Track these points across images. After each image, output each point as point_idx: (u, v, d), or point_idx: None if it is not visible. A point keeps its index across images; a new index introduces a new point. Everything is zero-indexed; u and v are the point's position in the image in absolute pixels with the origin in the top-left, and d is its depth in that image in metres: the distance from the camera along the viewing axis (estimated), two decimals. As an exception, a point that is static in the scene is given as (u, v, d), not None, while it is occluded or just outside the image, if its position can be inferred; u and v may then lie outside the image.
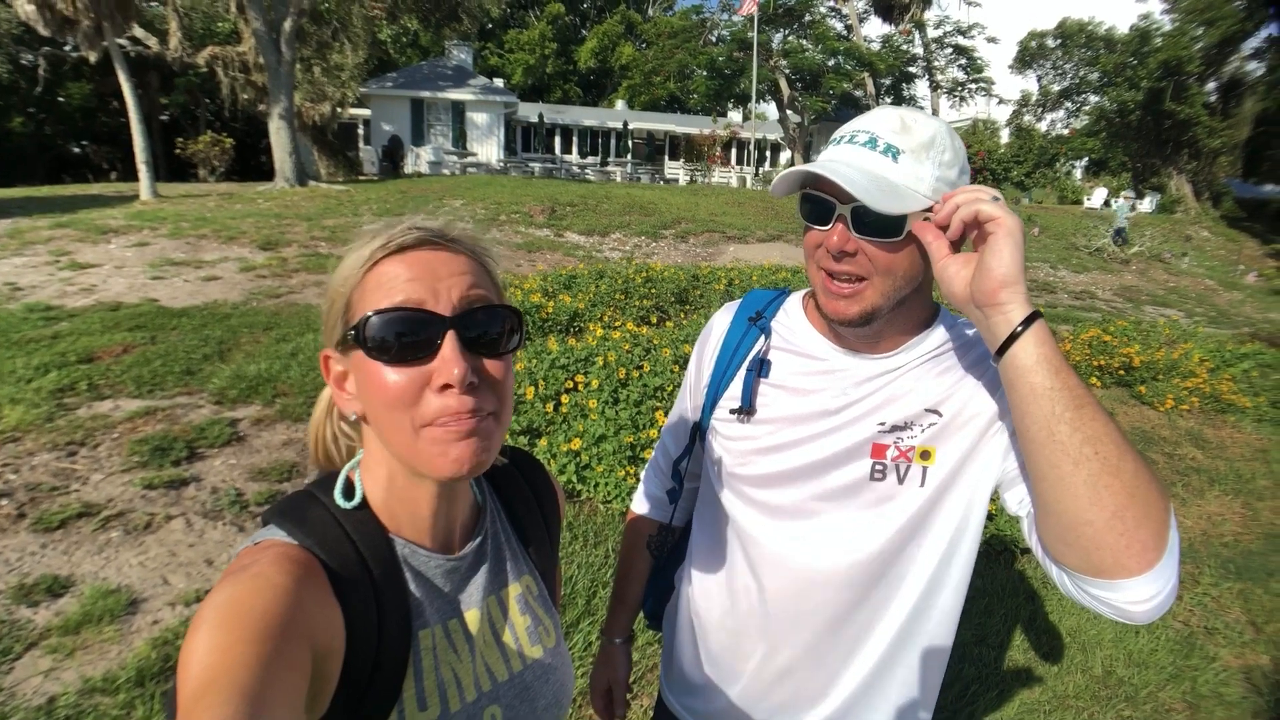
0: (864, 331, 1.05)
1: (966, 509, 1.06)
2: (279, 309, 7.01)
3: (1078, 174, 38.97)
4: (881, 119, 1.01)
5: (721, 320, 1.27)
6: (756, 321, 1.20)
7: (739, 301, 1.27)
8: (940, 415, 1.05)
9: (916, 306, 1.08)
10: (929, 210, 0.96)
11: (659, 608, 1.43)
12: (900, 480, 1.06)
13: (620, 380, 4.42)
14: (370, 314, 0.71)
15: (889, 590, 1.09)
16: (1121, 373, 6.30)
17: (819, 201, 1.00)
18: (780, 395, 1.14)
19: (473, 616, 0.85)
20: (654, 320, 6.68)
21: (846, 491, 1.08)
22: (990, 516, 3.88)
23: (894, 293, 1.01)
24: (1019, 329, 0.86)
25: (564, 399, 4.30)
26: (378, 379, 0.71)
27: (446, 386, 0.70)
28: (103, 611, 2.82)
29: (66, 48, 21.60)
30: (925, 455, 1.05)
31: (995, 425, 1.03)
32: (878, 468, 1.06)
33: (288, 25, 15.67)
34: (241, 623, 0.59)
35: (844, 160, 0.99)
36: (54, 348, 5.33)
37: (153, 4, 20.73)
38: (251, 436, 4.33)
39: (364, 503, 0.79)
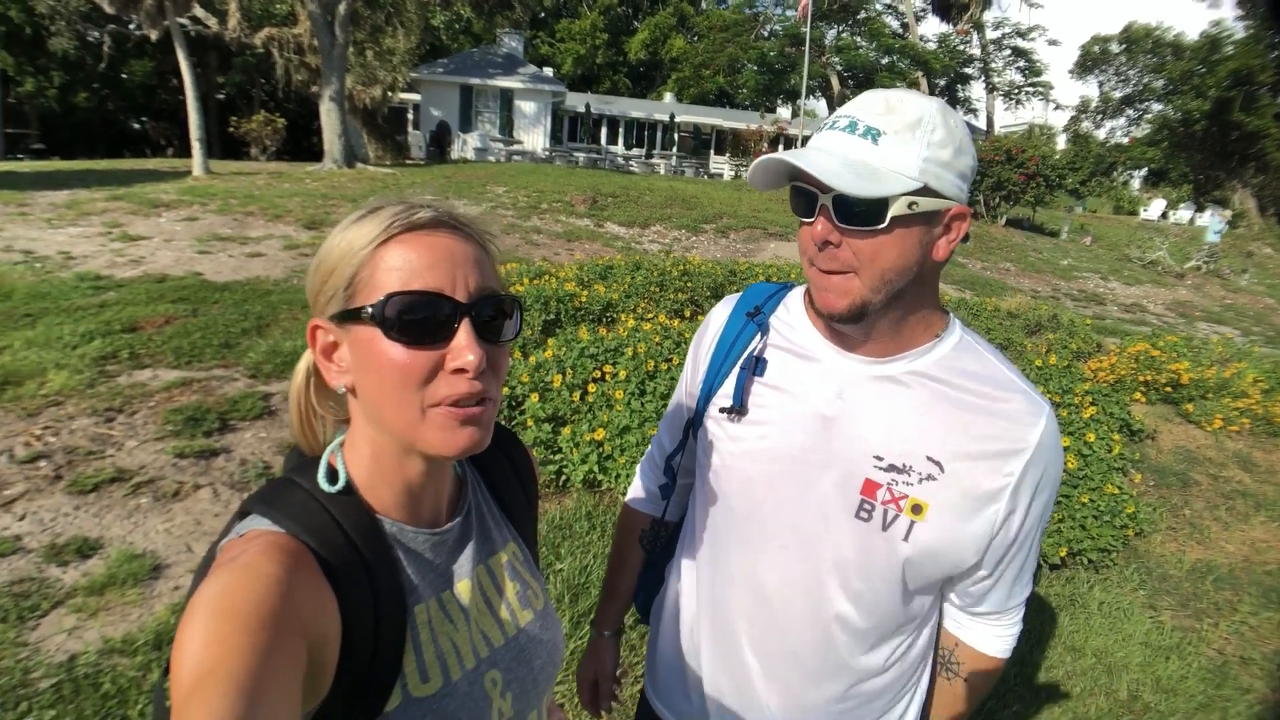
0: (860, 328, 1.00)
1: (941, 570, 1.05)
2: (319, 287, 7.11)
3: (1136, 184, 37.87)
4: (867, 103, 0.96)
5: (720, 314, 1.23)
6: (755, 317, 1.16)
7: (739, 295, 1.23)
8: (941, 469, 0.99)
9: (919, 305, 1.01)
10: (919, 194, 0.91)
11: (650, 601, 1.41)
12: (885, 528, 1.01)
13: (649, 372, 4.39)
14: (392, 295, 0.71)
15: (864, 620, 1.07)
16: (1169, 389, 6.09)
17: (803, 193, 0.96)
18: (774, 396, 1.10)
19: (464, 586, 0.86)
20: (688, 314, 6.63)
21: (828, 523, 1.04)
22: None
23: (884, 285, 0.95)
24: None
25: (591, 388, 4.29)
26: (388, 358, 0.72)
27: (460, 370, 0.72)
28: (127, 575, 2.88)
29: (130, 26, 22.19)
30: (917, 510, 1.00)
31: (990, 505, 0.99)
32: (865, 506, 1.02)
33: (342, 8, 15.90)
34: (234, 614, 0.59)
35: (820, 147, 0.94)
36: (100, 316, 5.48)
37: (214, -15, 21.17)
38: (282, 411, 4.39)
39: (348, 485, 0.79)
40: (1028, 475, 0.99)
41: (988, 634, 1.14)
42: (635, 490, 1.41)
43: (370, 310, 0.72)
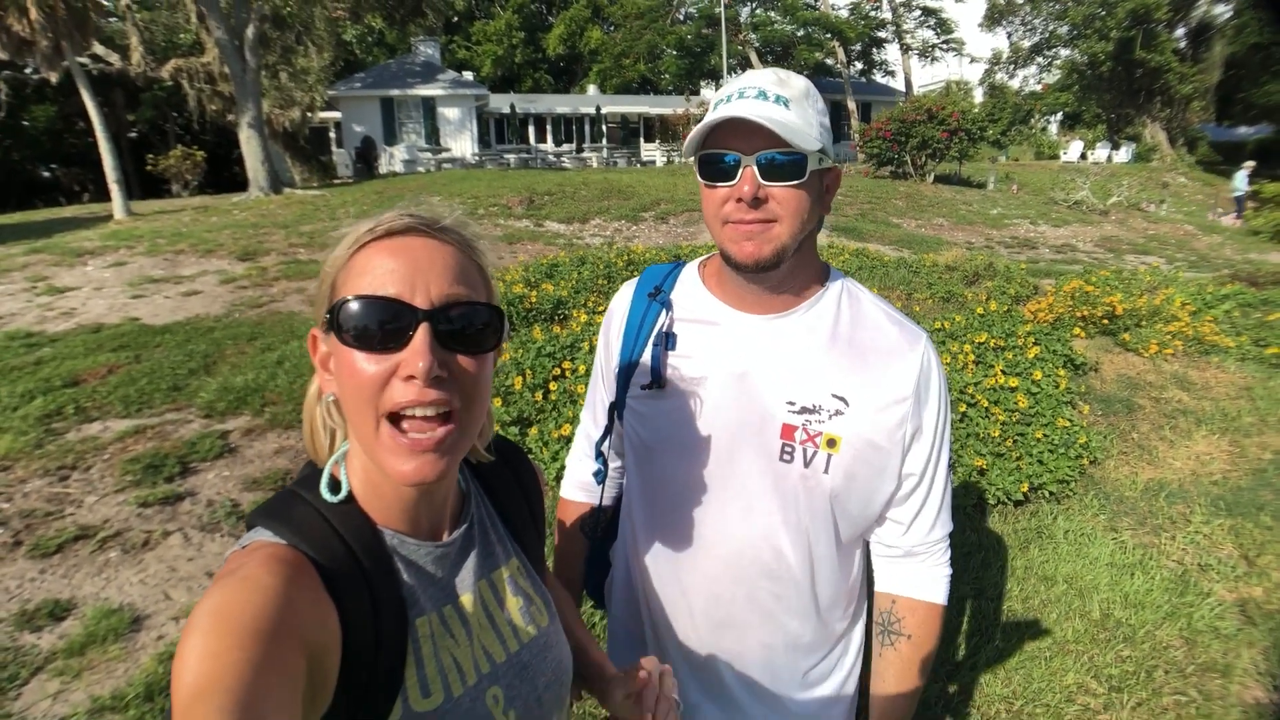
0: (769, 277, 1.09)
1: (866, 501, 1.15)
2: (262, 319, 6.97)
3: (1053, 129, 39.03)
4: (760, 77, 1.07)
5: (622, 300, 1.30)
6: (656, 296, 1.24)
7: (636, 280, 1.31)
8: (846, 403, 1.10)
9: (809, 256, 1.14)
10: (822, 152, 1.04)
11: (600, 585, 1.47)
12: (806, 464, 1.11)
13: (608, 365, 4.42)
14: (346, 299, 0.71)
15: (804, 565, 1.16)
16: (1105, 322, 6.34)
17: (721, 158, 1.04)
18: (688, 364, 1.18)
19: (467, 601, 0.86)
20: (639, 303, 6.67)
21: (756, 469, 1.13)
22: (981, 471, 3.91)
23: (799, 233, 1.06)
24: None
25: (552, 386, 4.30)
26: (348, 363, 0.72)
27: (411, 377, 0.70)
28: (106, 631, 2.82)
29: (27, 70, 21.26)
30: (831, 444, 1.10)
31: (894, 434, 1.11)
32: (786, 449, 1.11)
33: (250, 32, 15.49)
34: (232, 628, 0.59)
35: (747, 111, 1.01)
36: (38, 374, 5.30)
37: (112, 20, 20.41)
38: (243, 447, 4.32)
39: (350, 496, 0.79)
40: (919, 393, 1.11)
41: (923, 576, 1.20)
42: (569, 482, 1.47)
43: (328, 315, 0.73)
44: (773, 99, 1.02)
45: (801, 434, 1.10)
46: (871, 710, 1.24)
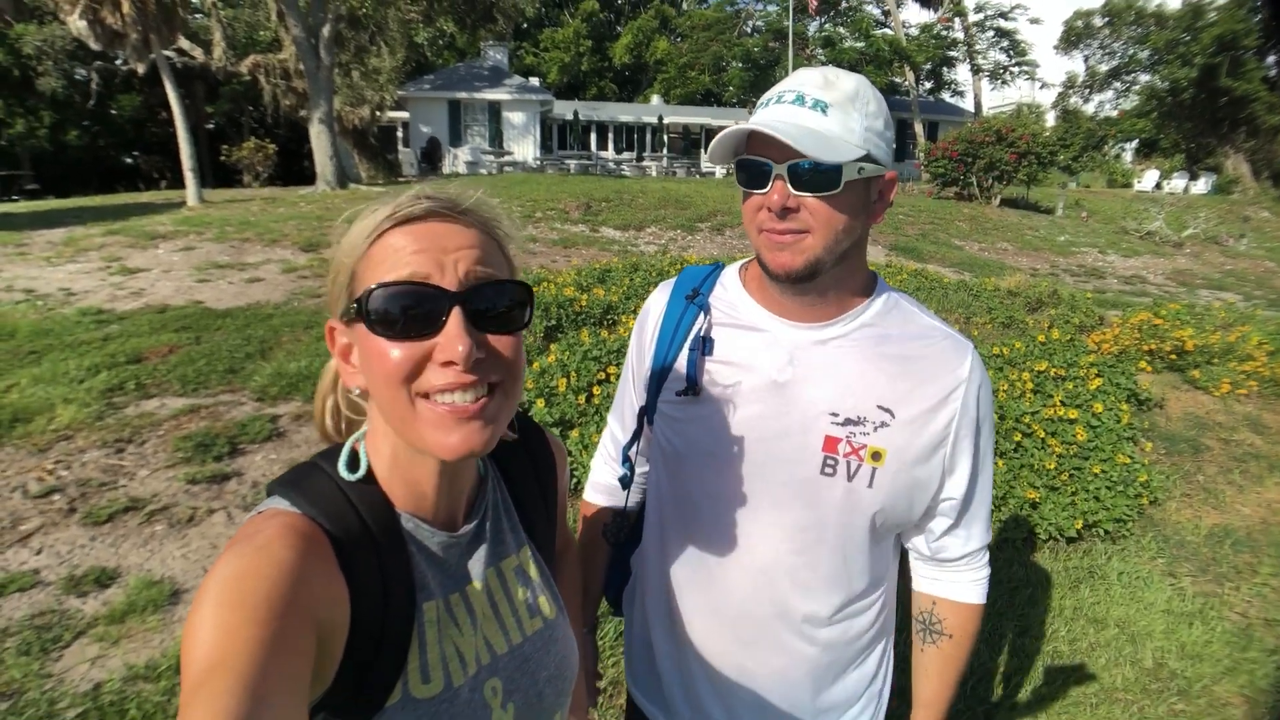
0: (809, 288, 1.05)
1: (907, 513, 1.12)
2: (319, 308, 7.12)
3: (1128, 156, 37.79)
4: (806, 78, 1.02)
5: (658, 300, 1.25)
6: (694, 299, 1.19)
7: (674, 280, 1.26)
8: (893, 416, 1.06)
9: (856, 267, 1.09)
10: (864, 160, 0.98)
11: (620, 593, 1.42)
12: (850, 478, 1.07)
13: (653, 371, 4.39)
14: (373, 287, 0.69)
15: (835, 571, 1.12)
16: (1174, 357, 6.07)
17: (754, 165, 1.00)
18: (725, 371, 1.13)
19: (473, 590, 0.85)
20: (688, 312, 6.63)
21: (795, 482, 1.08)
22: (1034, 504, 3.77)
23: (835, 245, 1.02)
24: None
25: (596, 390, 4.29)
26: (379, 352, 0.70)
27: (450, 363, 0.69)
28: (147, 601, 2.89)
29: (117, 61, 22.29)
30: (876, 456, 1.06)
31: (940, 447, 1.08)
32: (829, 463, 1.07)
33: (326, 31, 15.95)
34: (246, 602, 0.58)
35: (777, 119, 0.98)
36: (104, 349, 5.50)
37: (197, 16, 21.27)
38: (291, 432, 4.41)
39: (369, 475, 0.78)
40: (968, 405, 1.08)
41: (963, 580, 1.19)
42: (593, 486, 1.43)
43: (355, 305, 0.71)
44: (809, 104, 0.98)
45: (845, 447, 1.06)
46: (915, 699, 1.25)
